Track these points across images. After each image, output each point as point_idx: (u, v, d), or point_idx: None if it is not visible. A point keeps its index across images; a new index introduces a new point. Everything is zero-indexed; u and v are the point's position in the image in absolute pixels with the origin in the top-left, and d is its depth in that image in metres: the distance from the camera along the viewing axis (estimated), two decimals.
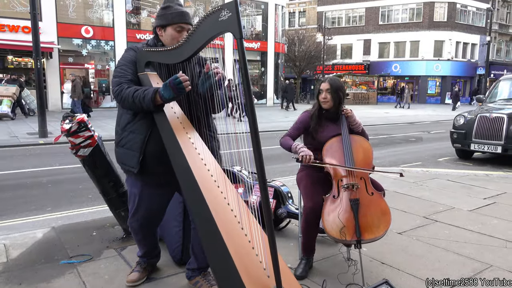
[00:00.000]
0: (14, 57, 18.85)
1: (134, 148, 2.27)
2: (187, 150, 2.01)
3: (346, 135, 2.81)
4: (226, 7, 1.61)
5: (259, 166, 1.60)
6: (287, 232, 3.56)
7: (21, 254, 3.05)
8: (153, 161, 2.26)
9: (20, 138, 10.09)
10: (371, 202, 2.58)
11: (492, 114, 7.40)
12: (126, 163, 2.32)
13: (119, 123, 2.40)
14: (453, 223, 3.88)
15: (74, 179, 6.04)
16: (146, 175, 2.31)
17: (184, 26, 2.25)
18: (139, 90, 2.14)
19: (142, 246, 2.65)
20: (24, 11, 17.14)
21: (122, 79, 2.23)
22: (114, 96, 2.26)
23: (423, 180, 5.75)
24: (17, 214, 4.48)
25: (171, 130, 2.08)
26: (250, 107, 1.57)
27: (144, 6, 21.42)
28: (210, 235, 1.76)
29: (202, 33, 1.83)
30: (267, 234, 1.67)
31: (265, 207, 1.64)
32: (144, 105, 2.11)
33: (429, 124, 16.71)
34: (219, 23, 1.65)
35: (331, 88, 2.82)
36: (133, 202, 2.44)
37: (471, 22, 36.07)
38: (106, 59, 20.58)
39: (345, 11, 38.56)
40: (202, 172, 1.97)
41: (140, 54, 2.29)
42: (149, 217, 2.47)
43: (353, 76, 34.74)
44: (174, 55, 2.07)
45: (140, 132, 2.26)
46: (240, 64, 1.57)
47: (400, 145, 10.67)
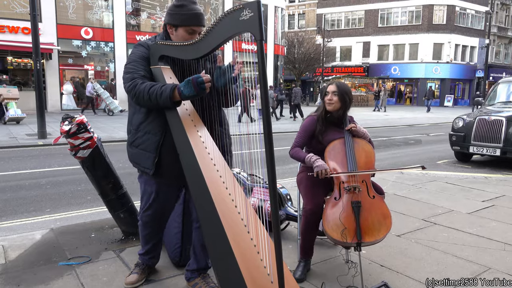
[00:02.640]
0: (13, 58, 18.85)
1: (149, 149, 2.25)
2: (197, 151, 1.99)
3: (348, 138, 2.81)
4: (248, 6, 1.56)
5: (271, 175, 1.55)
6: (286, 234, 3.56)
7: (19, 255, 3.05)
8: (168, 162, 2.23)
9: (19, 139, 10.08)
10: (373, 205, 2.58)
11: (491, 116, 7.41)
12: (141, 163, 2.30)
13: (131, 122, 2.36)
14: (452, 225, 3.88)
15: (73, 181, 6.04)
16: (162, 175, 2.29)
17: (197, 29, 2.20)
18: (155, 86, 2.09)
19: (148, 242, 2.61)
20: (24, 12, 17.17)
21: (135, 74, 2.18)
22: (127, 92, 2.20)
23: (422, 182, 5.76)
24: (16, 216, 4.47)
25: (183, 129, 2.05)
26: (265, 111, 1.53)
27: (144, 7, 21.45)
28: (216, 238, 1.75)
29: (220, 31, 1.79)
30: (272, 239, 1.66)
31: (273, 216, 1.60)
32: (161, 101, 2.05)
33: (428, 127, 16.74)
34: (239, 22, 1.61)
35: (338, 91, 2.81)
36: (147, 198, 2.43)
37: (470, 25, 36.19)
38: (106, 60, 20.59)
39: (344, 14, 38.66)
40: (211, 174, 1.94)
41: (155, 47, 2.23)
42: (162, 212, 2.49)
43: (353, 79, 34.84)
44: (190, 51, 2.02)
45: (155, 133, 2.23)
46: (259, 67, 1.54)
47: (400, 147, 10.68)
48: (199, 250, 2.48)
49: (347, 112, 2.91)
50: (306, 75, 36.31)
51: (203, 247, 2.43)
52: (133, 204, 3.35)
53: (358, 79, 36.49)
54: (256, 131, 1.89)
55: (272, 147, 1.54)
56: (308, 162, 2.71)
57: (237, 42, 1.93)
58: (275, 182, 1.57)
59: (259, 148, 1.82)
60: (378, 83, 33.81)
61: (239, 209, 1.86)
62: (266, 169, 1.55)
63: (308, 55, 32.70)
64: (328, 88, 2.85)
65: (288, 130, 13.72)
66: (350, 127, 2.84)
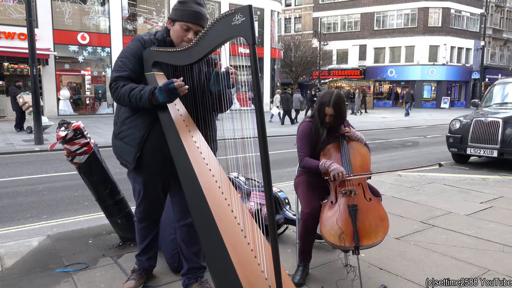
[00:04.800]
0: (10, 64, 18.81)
1: (132, 144, 2.27)
2: (191, 153, 1.99)
3: (343, 142, 2.81)
4: (240, 11, 1.57)
5: (267, 179, 1.55)
6: (284, 238, 3.55)
7: (16, 263, 3.02)
8: (150, 159, 2.27)
9: (15, 145, 10.04)
10: (369, 208, 2.57)
11: (488, 118, 7.44)
12: (123, 157, 2.34)
13: (118, 115, 2.39)
14: (451, 227, 3.87)
15: (70, 186, 6.01)
16: (143, 171, 2.33)
17: (192, 26, 2.20)
18: (135, 90, 2.12)
19: (143, 238, 2.60)
20: (20, 18, 17.13)
21: (119, 73, 2.22)
22: (110, 92, 2.25)
23: (420, 184, 5.76)
24: (13, 222, 4.44)
25: (176, 131, 2.05)
26: (259, 113, 1.53)
27: (141, 12, 21.47)
28: (212, 242, 1.74)
29: (213, 36, 1.79)
30: (269, 243, 1.65)
31: (270, 220, 1.60)
32: (141, 104, 2.11)
33: (425, 129, 16.78)
34: (231, 27, 1.62)
35: (335, 111, 2.76)
36: (137, 196, 2.50)
37: (465, 27, 36.39)
38: (103, 65, 20.57)
39: (340, 17, 38.81)
40: (206, 178, 1.94)
41: (148, 53, 2.24)
42: (151, 207, 2.52)
43: (349, 81, 34.89)
44: (183, 57, 2.03)
45: (139, 128, 2.26)
46: (252, 70, 1.55)
47: (397, 149, 10.69)
48: (186, 250, 2.50)
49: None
50: (303, 79, 36.37)
51: (188, 245, 2.47)
52: (130, 209, 3.33)
53: (355, 81, 36.57)
54: (251, 135, 1.89)
55: (266, 149, 1.54)
56: (323, 168, 2.67)
57: (236, 45, 1.93)
58: (270, 185, 1.56)
59: (253, 152, 1.82)
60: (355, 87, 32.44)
61: (235, 213, 1.85)
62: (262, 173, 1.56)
63: (304, 58, 32.78)
64: (326, 110, 2.77)
65: (284, 133, 13.74)
66: (344, 131, 2.84)
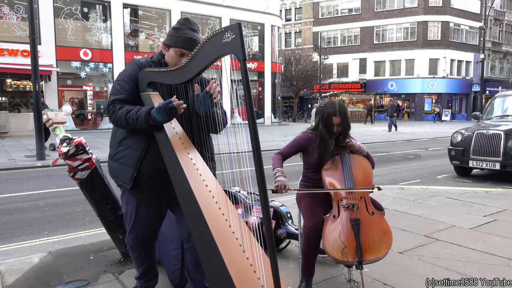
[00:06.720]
0: (13, 80, 18.98)
1: (128, 164, 2.26)
2: (188, 171, 1.99)
3: (345, 155, 2.81)
4: (230, 29, 1.61)
5: (262, 190, 1.57)
6: (287, 253, 3.52)
7: (17, 280, 3.00)
8: (147, 179, 2.25)
9: (17, 161, 10.05)
10: (372, 222, 2.56)
11: (489, 131, 7.43)
12: (120, 178, 2.31)
13: (114, 137, 2.39)
14: (455, 241, 3.84)
15: (72, 202, 5.99)
16: (140, 192, 2.29)
17: (186, 52, 2.24)
18: (131, 112, 2.14)
19: (140, 264, 2.57)
20: (23, 35, 17.38)
21: (116, 96, 2.24)
22: (108, 115, 2.27)
23: (423, 197, 5.73)
24: (14, 239, 4.42)
25: (172, 149, 2.06)
26: (252, 128, 1.56)
27: (142, 29, 21.74)
28: (211, 259, 1.73)
29: (205, 55, 1.82)
30: (268, 257, 1.64)
31: (267, 233, 1.59)
32: (138, 126, 2.13)
33: (427, 142, 16.76)
34: (222, 44, 1.65)
35: (342, 120, 2.79)
36: (129, 219, 2.41)
37: (464, 40, 36.67)
38: (105, 81, 20.74)
39: (340, 31, 39.17)
40: (203, 194, 1.94)
41: (142, 74, 2.28)
42: (145, 234, 2.44)
43: (350, 94, 35.05)
44: (176, 76, 2.06)
45: (136, 148, 2.25)
46: (244, 85, 1.57)
47: (399, 162, 10.67)
48: (193, 271, 2.44)
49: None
50: (304, 92, 36.56)
51: (195, 266, 2.41)
52: None
53: (356, 95, 36.73)
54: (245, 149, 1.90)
55: (261, 161, 1.56)
56: (273, 174, 2.77)
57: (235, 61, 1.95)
58: (266, 197, 1.57)
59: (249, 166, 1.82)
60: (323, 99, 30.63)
61: (233, 228, 1.86)
62: (257, 187, 1.57)
63: (305, 72, 32.97)
64: (333, 120, 2.78)
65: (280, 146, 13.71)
66: (345, 142, 2.84)
